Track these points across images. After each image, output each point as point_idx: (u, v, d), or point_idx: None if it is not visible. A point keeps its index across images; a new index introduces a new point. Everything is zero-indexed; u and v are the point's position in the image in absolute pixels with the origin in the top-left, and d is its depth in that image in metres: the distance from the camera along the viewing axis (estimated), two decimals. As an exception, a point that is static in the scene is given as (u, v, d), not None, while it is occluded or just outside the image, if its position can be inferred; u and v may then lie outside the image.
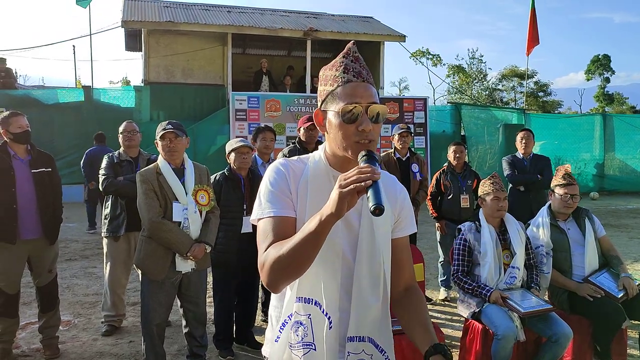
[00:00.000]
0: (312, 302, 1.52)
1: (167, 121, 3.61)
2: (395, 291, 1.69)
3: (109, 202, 4.54)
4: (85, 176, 9.32)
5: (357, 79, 1.50)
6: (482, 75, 38.28)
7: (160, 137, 3.50)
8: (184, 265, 3.51)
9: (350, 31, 15.45)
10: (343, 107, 1.46)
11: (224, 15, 15.41)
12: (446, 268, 5.59)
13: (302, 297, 1.53)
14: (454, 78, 37.97)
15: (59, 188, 4.14)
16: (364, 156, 1.39)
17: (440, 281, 5.71)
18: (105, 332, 4.54)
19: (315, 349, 1.52)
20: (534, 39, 15.95)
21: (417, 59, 33.56)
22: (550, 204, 3.95)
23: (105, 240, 4.59)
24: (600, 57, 38.60)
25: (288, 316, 1.55)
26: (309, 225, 1.34)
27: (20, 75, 26.41)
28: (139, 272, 4.69)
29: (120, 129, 4.66)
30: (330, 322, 1.52)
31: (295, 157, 1.65)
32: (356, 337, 1.55)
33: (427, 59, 35.48)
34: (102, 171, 4.50)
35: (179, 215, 3.47)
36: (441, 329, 3.70)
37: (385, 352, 1.60)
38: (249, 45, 16.61)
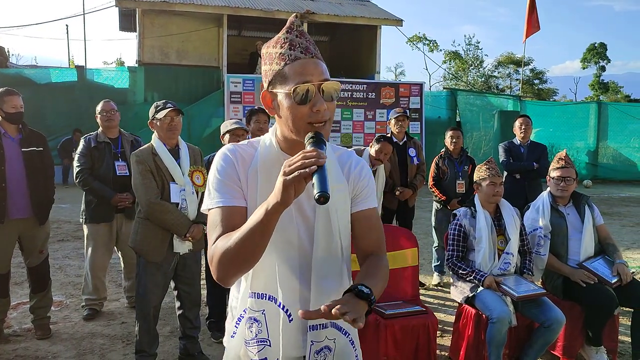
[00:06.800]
0: (265, 297, 1.47)
1: (164, 100, 3.54)
2: (360, 260, 1.61)
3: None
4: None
5: (306, 55, 1.39)
6: (478, 62, 38.20)
7: (162, 116, 3.41)
8: (182, 247, 3.46)
9: (347, 14, 15.31)
10: (294, 87, 1.35)
11: (219, -4, 15.22)
12: (440, 253, 5.59)
13: (255, 293, 1.48)
14: (450, 64, 37.86)
15: (51, 168, 4.08)
16: (310, 138, 1.32)
17: (434, 266, 5.71)
18: (87, 315, 4.46)
19: (270, 345, 1.48)
20: (533, 25, 15.75)
21: (413, 44, 33.39)
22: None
23: (85, 225, 4.52)
24: (596, 45, 38.65)
25: (243, 310, 1.51)
26: (256, 216, 1.27)
27: (12, 54, 26.11)
28: (120, 254, 4.64)
29: (98, 108, 4.46)
30: (290, 316, 1.46)
31: (245, 142, 1.56)
32: (318, 325, 1.48)
33: (424, 44, 35.35)
34: (77, 160, 4.38)
35: (177, 196, 3.41)
36: (434, 313, 3.70)
37: (349, 334, 1.56)
38: (244, 27, 16.46)
